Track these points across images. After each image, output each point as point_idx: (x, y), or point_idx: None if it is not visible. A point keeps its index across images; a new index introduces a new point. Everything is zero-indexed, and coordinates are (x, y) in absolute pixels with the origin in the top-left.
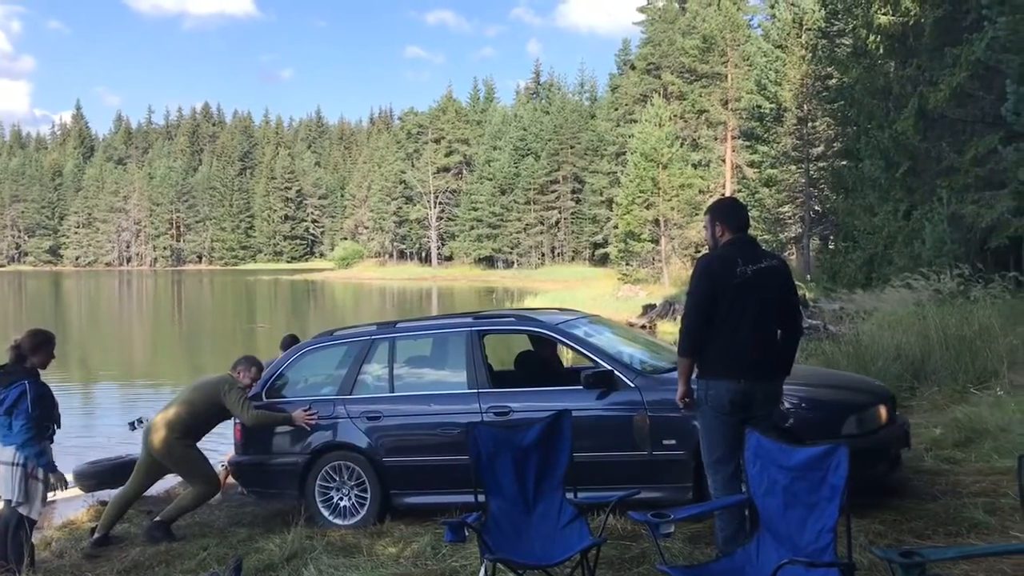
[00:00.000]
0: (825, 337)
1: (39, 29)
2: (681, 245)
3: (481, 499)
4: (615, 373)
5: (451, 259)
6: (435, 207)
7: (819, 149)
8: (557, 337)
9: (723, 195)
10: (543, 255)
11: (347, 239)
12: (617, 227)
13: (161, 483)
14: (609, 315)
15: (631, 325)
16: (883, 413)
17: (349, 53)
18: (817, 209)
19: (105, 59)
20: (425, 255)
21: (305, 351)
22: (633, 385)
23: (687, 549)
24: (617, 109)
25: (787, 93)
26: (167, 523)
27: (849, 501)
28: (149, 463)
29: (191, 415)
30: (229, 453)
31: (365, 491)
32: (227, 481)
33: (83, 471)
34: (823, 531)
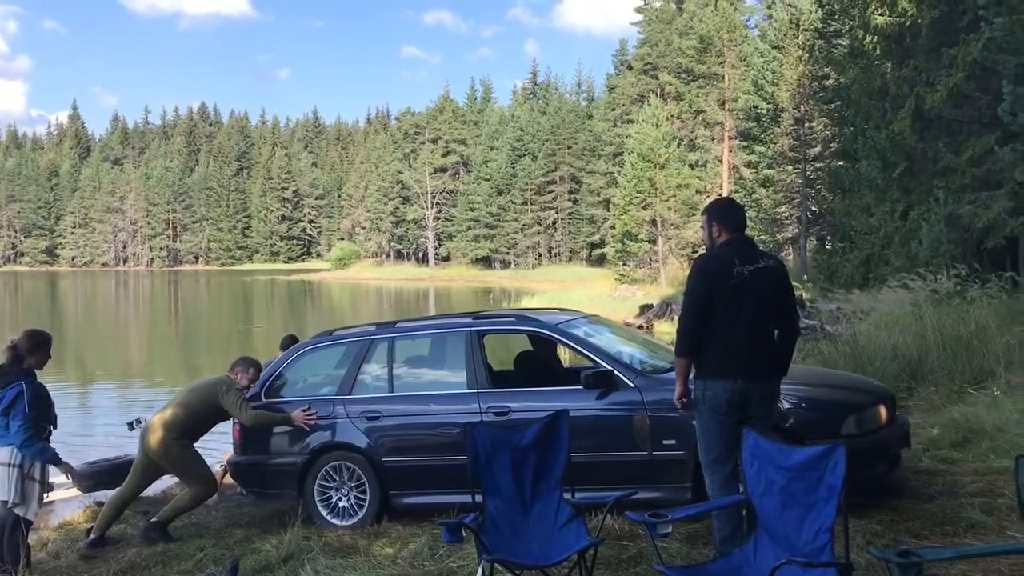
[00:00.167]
0: (822, 337)
1: (35, 29)
2: (678, 245)
3: (479, 499)
4: (615, 373)
5: (448, 259)
6: (432, 207)
7: (816, 149)
8: (557, 337)
9: (720, 195)
10: (540, 255)
11: (344, 239)
12: (614, 227)
13: (158, 484)
14: (606, 315)
15: (628, 325)
16: (883, 413)
17: (346, 53)
18: (814, 209)
19: (101, 59)
20: (422, 255)
21: (304, 351)
22: (633, 385)
23: (685, 549)
24: (614, 109)
25: (784, 93)
26: (163, 524)
27: (846, 501)
28: (146, 464)
29: (188, 416)
30: (228, 453)
31: (364, 491)
32: (224, 481)
33: (81, 471)
34: (820, 531)
